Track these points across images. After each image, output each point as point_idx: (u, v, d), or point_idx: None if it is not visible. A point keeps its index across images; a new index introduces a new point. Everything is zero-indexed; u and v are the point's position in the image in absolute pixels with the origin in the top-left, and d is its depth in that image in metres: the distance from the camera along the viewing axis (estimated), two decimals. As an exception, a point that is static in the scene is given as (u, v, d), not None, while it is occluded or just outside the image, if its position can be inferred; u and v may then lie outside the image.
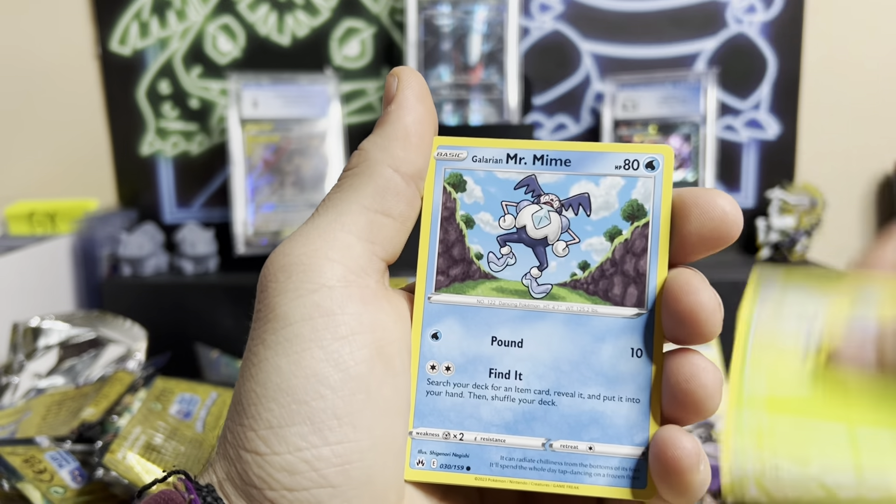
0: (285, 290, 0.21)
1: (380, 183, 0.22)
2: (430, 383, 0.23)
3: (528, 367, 0.22)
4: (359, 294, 0.21)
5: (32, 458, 0.45)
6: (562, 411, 0.22)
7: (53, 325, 0.62)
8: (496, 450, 0.22)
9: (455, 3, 0.79)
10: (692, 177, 0.81)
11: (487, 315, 0.23)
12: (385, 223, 0.22)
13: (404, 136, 0.22)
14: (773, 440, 0.26)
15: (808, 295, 0.28)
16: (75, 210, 0.82)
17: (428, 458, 0.22)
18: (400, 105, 0.23)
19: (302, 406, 0.20)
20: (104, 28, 0.86)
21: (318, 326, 0.20)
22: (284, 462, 0.20)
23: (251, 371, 0.21)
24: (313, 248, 0.21)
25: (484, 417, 0.22)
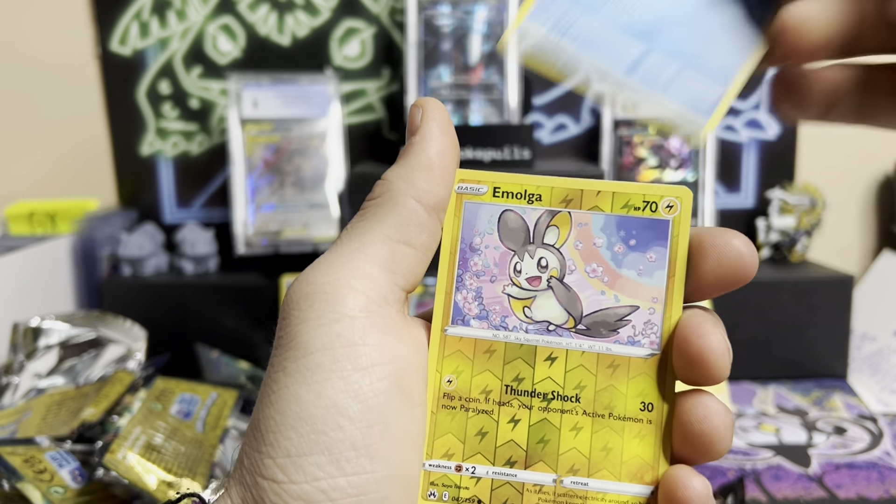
0: (307, 318, 0.21)
1: (403, 213, 0.22)
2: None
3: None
4: (380, 324, 0.21)
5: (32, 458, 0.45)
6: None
7: (54, 325, 0.62)
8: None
9: (455, 4, 0.79)
10: (692, 177, 0.81)
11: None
12: (407, 253, 0.22)
13: (428, 167, 0.23)
14: None
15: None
16: (75, 210, 0.82)
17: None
18: (424, 136, 0.23)
19: (320, 436, 0.20)
20: (104, 28, 0.86)
21: (339, 357, 0.21)
22: (301, 491, 0.20)
23: (271, 398, 0.21)
24: (336, 277, 0.21)
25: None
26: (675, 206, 0.23)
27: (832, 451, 0.60)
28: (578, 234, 0.23)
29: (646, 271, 0.23)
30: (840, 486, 0.55)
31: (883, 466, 0.57)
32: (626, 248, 0.23)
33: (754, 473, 0.57)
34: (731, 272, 0.22)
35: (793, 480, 0.56)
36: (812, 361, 0.76)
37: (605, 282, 0.23)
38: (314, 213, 0.81)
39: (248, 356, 0.76)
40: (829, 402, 0.71)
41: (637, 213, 0.23)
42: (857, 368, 0.77)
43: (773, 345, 0.76)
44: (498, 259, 0.23)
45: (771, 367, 0.76)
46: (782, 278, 0.76)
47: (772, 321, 0.75)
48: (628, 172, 0.82)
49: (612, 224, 0.23)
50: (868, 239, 0.91)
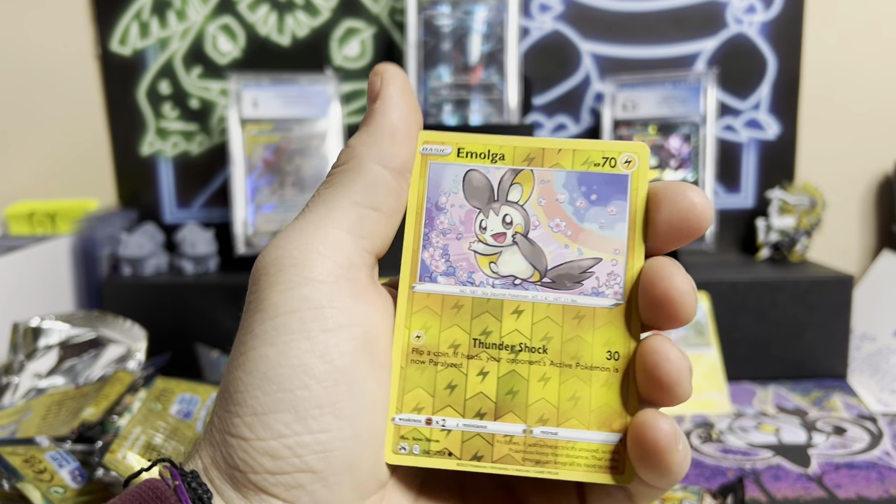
0: (276, 282, 0.22)
1: (368, 178, 0.22)
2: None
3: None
4: (348, 288, 0.22)
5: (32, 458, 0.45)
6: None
7: (53, 325, 0.62)
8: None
9: (455, 4, 0.79)
10: (692, 177, 0.81)
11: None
12: (374, 218, 0.23)
13: (391, 132, 0.23)
14: None
15: None
16: (75, 210, 0.82)
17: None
18: (385, 102, 0.23)
19: (286, 394, 0.20)
20: (104, 28, 0.86)
21: (307, 318, 0.21)
22: (268, 447, 0.20)
23: (239, 360, 0.21)
24: (304, 242, 0.22)
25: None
26: (633, 162, 0.23)
27: (832, 451, 0.61)
28: (541, 190, 0.24)
29: (607, 224, 0.23)
30: (840, 486, 0.55)
31: (882, 466, 0.58)
32: (588, 203, 0.23)
33: (754, 473, 0.57)
34: (683, 221, 0.22)
35: (792, 480, 0.56)
36: (812, 361, 0.77)
37: (569, 236, 0.23)
38: (314, 213, 0.81)
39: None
40: (828, 402, 0.71)
41: (597, 168, 0.24)
42: (856, 368, 0.77)
43: (773, 345, 0.76)
44: (463, 217, 0.24)
45: (771, 367, 0.76)
46: (782, 278, 0.76)
47: (772, 321, 0.76)
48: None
49: (573, 180, 0.24)
50: (868, 239, 0.91)
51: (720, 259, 0.85)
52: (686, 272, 0.22)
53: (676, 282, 0.21)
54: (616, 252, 0.23)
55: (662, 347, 0.21)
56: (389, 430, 0.23)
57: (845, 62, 0.87)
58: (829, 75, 0.87)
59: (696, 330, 0.73)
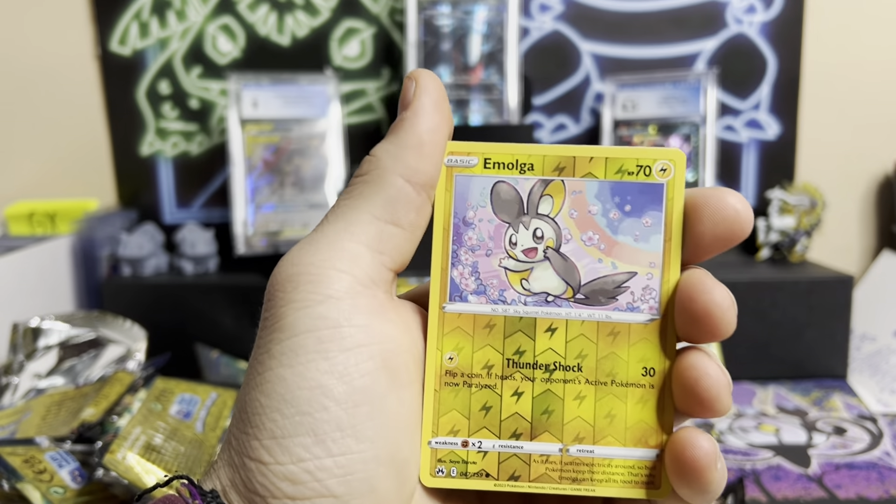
0: (292, 300, 0.21)
1: (390, 192, 0.22)
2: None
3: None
4: (366, 305, 0.21)
5: (32, 458, 0.45)
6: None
7: (53, 325, 0.62)
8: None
9: (455, 4, 0.79)
10: (692, 177, 0.81)
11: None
12: (394, 233, 0.22)
13: (418, 144, 0.22)
14: None
15: None
16: (75, 210, 0.82)
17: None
18: (416, 112, 0.22)
19: (305, 417, 0.20)
20: (104, 28, 0.86)
21: (324, 338, 0.20)
22: (287, 472, 0.20)
23: (256, 380, 0.21)
24: (321, 258, 0.21)
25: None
26: (668, 170, 0.23)
27: (832, 451, 0.60)
28: (573, 202, 0.23)
29: (642, 236, 0.23)
30: (840, 486, 0.55)
31: (883, 467, 0.57)
32: (622, 214, 0.23)
33: (754, 473, 0.57)
34: (727, 230, 0.21)
35: (792, 480, 0.56)
36: (812, 362, 0.76)
37: (602, 249, 0.23)
38: (314, 214, 0.81)
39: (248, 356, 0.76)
40: (828, 402, 0.71)
41: (631, 177, 0.23)
42: (856, 369, 0.77)
43: (773, 345, 0.76)
44: (492, 232, 0.23)
45: (771, 367, 0.76)
46: (782, 278, 0.76)
47: (772, 321, 0.76)
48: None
49: (606, 190, 0.23)
50: (868, 239, 0.91)
51: (720, 259, 0.85)
52: (723, 285, 0.21)
53: (716, 296, 0.21)
54: (651, 265, 0.22)
55: (701, 363, 0.21)
56: (425, 454, 0.22)
57: (845, 62, 0.87)
58: (829, 75, 0.87)
59: (696, 330, 0.73)
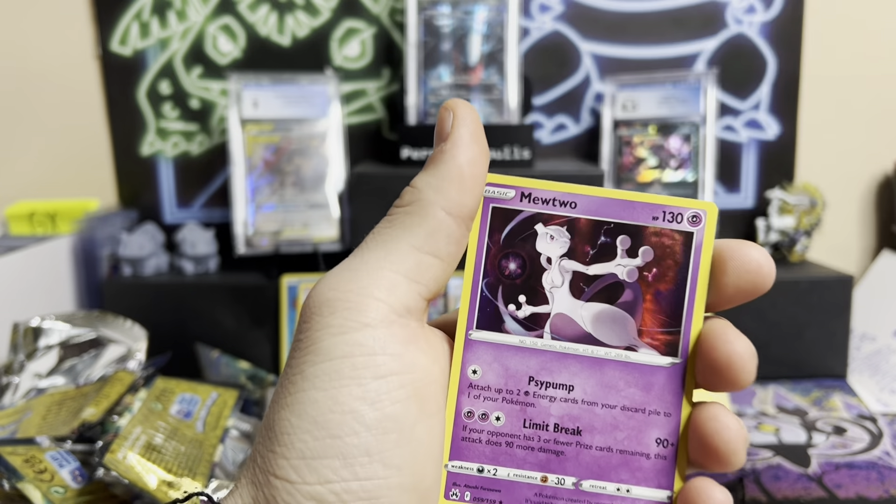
0: (329, 325, 0.21)
1: (432, 225, 0.22)
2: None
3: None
4: (400, 335, 0.22)
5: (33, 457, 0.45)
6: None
7: (54, 325, 0.62)
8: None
9: (455, 4, 0.79)
10: (692, 177, 0.81)
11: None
12: (432, 263, 0.22)
13: (458, 177, 0.22)
14: None
15: None
16: (76, 210, 0.82)
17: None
18: (455, 144, 0.22)
19: (335, 441, 0.20)
20: (105, 28, 0.86)
21: (358, 365, 0.21)
22: (314, 492, 0.20)
23: (287, 400, 0.21)
24: (360, 285, 0.21)
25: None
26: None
27: (832, 450, 0.61)
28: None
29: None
30: (840, 485, 0.55)
31: (882, 466, 0.58)
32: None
33: (754, 473, 0.57)
34: (750, 283, 0.22)
35: (792, 480, 0.56)
36: (812, 361, 0.77)
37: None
38: (314, 213, 0.81)
39: (248, 356, 0.76)
40: (828, 402, 0.71)
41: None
42: (856, 368, 0.77)
43: (773, 345, 0.76)
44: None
45: (771, 367, 0.76)
46: (782, 278, 0.76)
47: (771, 321, 0.76)
48: (628, 172, 0.83)
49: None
50: (868, 239, 0.91)
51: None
52: (745, 337, 0.22)
53: (739, 347, 0.22)
54: None
55: (722, 415, 0.22)
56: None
57: (845, 62, 0.87)
58: (829, 75, 0.87)
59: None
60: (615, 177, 0.83)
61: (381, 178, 0.74)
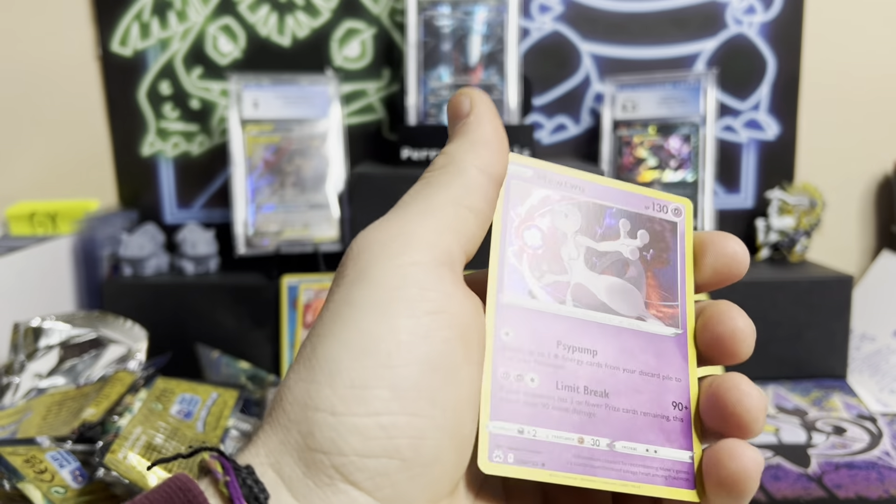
0: (380, 258, 0.21)
1: (468, 181, 0.23)
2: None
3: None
4: (449, 277, 0.22)
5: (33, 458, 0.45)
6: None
7: (54, 325, 0.62)
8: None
9: (455, 4, 0.79)
10: (692, 177, 0.81)
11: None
12: (469, 217, 0.23)
13: (486, 142, 0.24)
14: None
15: None
16: (76, 210, 0.82)
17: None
18: (479, 117, 0.24)
19: (386, 371, 0.20)
20: (105, 29, 0.86)
21: (412, 297, 0.21)
22: (360, 424, 0.19)
23: (333, 329, 0.20)
24: (408, 230, 0.22)
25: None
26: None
27: (831, 451, 0.61)
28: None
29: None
30: (839, 485, 0.55)
31: (882, 466, 0.58)
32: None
33: (754, 473, 0.57)
34: (726, 266, 0.25)
35: (792, 480, 0.56)
36: (811, 361, 0.77)
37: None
38: (315, 214, 0.81)
39: (249, 356, 0.76)
40: (828, 402, 0.71)
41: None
42: (856, 369, 0.77)
43: (773, 345, 0.76)
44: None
45: (770, 367, 0.76)
46: (782, 278, 0.76)
47: (771, 321, 0.76)
48: (628, 173, 0.83)
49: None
50: (868, 239, 0.91)
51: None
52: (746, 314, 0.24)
53: (740, 322, 0.24)
54: None
55: (743, 384, 0.23)
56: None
57: (845, 62, 0.87)
58: (829, 75, 0.87)
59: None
60: (615, 177, 0.83)
61: (382, 178, 0.74)
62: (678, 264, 0.26)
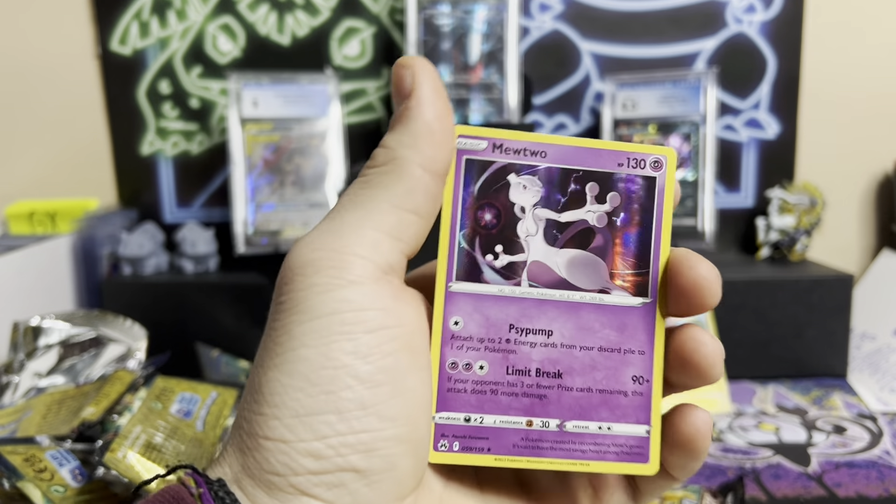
0: (313, 283, 0.21)
1: (410, 182, 0.22)
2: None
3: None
4: (387, 290, 0.22)
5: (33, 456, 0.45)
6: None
7: (54, 324, 0.62)
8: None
9: (455, 3, 0.79)
10: (692, 176, 0.81)
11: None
12: (413, 221, 0.22)
13: (429, 132, 0.22)
14: None
15: None
16: (76, 209, 0.82)
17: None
18: (420, 101, 0.22)
19: (330, 396, 0.20)
20: (104, 28, 0.86)
21: (348, 320, 0.21)
22: (311, 448, 0.20)
23: (275, 361, 0.21)
24: (343, 243, 0.21)
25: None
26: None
27: (832, 450, 0.61)
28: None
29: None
30: (840, 484, 0.55)
31: (882, 465, 0.58)
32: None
33: (754, 472, 0.57)
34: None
35: (792, 479, 0.56)
36: (812, 361, 0.77)
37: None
38: (314, 213, 0.81)
39: (248, 355, 0.76)
40: (828, 401, 0.71)
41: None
42: (856, 367, 0.77)
43: (773, 344, 0.76)
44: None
45: (770, 366, 0.76)
46: (782, 278, 0.76)
47: (771, 320, 0.76)
48: (628, 172, 0.82)
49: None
50: (868, 238, 0.91)
51: (720, 258, 0.85)
52: (708, 261, 0.23)
53: (702, 270, 0.23)
54: None
55: (698, 334, 0.23)
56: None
57: (845, 62, 0.87)
58: (829, 75, 0.87)
59: (696, 329, 0.73)
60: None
61: (381, 177, 0.74)
62: (653, 225, 0.24)
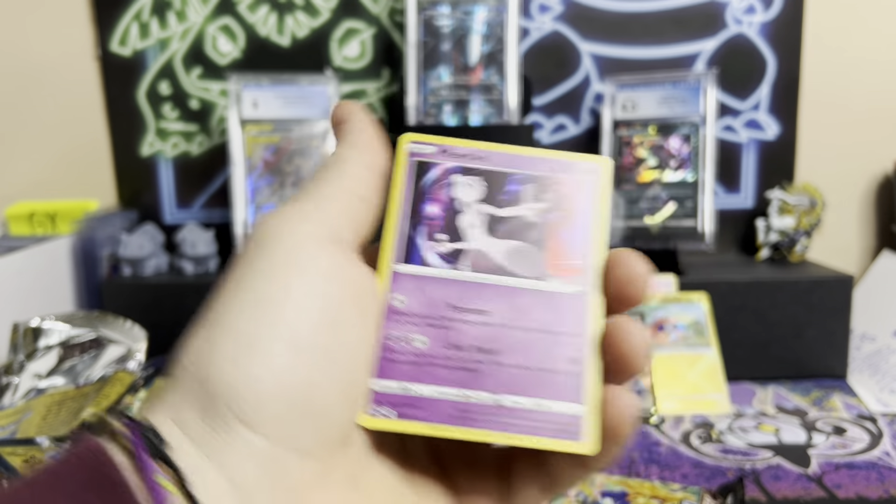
0: (276, 233, 0.23)
1: (355, 174, 0.25)
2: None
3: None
4: (342, 254, 0.23)
5: (33, 458, 0.45)
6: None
7: (54, 325, 0.62)
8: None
9: (455, 4, 0.79)
10: (692, 177, 0.81)
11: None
12: (360, 206, 0.25)
13: (366, 143, 0.26)
14: None
15: None
16: (76, 210, 0.82)
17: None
18: (353, 125, 0.26)
19: (281, 325, 0.21)
20: (104, 29, 0.86)
21: (305, 260, 0.22)
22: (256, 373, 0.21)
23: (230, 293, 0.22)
24: (296, 219, 0.23)
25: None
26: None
27: (832, 451, 0.61)
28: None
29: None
30: (839, 486, 0.55)
31: (882, 466, 0.58)
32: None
33: (754, 473, 0.57)
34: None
35: (792, 480, 0.56)
36: (812, 361, 0.77)
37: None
38: (314, 214, 0.81)
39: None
40: (828, 402, 0.71)
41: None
42: (856, 368, 0.77)
43: (773, 345, 0.76)
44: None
45: (770, 367, 0.76)
46: (782, 278, 0.76)
47: (771, 321, 0.76)
48: (628, 173, 0.83)
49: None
50: (868, 239, 0.91)
51: (720, 259, 0.85)
52: (643, 260, 0.25)
53: (638, 269, 0.25)
54: None
55: (627, 325, 0.24)
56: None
57: (845, 62, 0.87)
58: (829, 75, 0.87)
59: (695, 330, 0.73)
60: (615, 177, 0.83)
61: (381, 178, 0.74)
62: (587, 223, 0.26)
